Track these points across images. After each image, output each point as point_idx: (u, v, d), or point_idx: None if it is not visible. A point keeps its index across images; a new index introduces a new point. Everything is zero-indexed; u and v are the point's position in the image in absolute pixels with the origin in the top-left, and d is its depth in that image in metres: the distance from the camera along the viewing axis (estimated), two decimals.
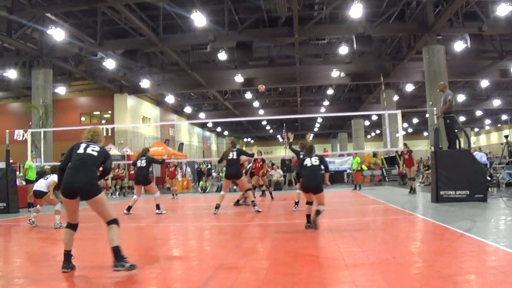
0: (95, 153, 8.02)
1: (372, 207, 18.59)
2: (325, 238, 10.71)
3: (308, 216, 12.09)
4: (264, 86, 20.54)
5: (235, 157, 17.17)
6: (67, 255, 7.86)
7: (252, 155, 18.51)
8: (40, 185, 14.74)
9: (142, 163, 18.69)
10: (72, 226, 8.08)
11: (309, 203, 12.45)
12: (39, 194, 14.73)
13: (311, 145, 13.16)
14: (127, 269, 7.29)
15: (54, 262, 8.94)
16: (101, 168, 8.27)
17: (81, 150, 8.06)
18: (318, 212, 11.82)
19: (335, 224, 13.37)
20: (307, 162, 12.33)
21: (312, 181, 12.15)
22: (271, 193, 25.61)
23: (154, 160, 19.59)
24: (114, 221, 7.76)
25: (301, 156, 13.15)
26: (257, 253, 9.33)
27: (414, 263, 7.78)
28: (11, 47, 35.42)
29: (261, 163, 24.15)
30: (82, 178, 7.68)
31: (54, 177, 14.64)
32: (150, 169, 39.98)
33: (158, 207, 18.25)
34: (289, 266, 7.57)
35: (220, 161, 18.73)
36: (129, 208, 18.41)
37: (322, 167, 12.43)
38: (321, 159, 12.56)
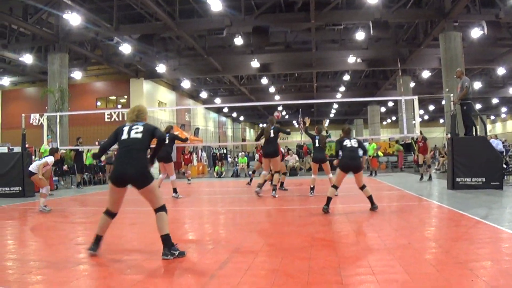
0: (140, 135, 7.69)
1: (388, 193, 18.55)
2: (341, 223, 10.71)
3: (329, 198, 12.15)
4: (279, 114, 20.41)
5: (272, 135, 17.15)
6: (98, 239, 7.82)
7: (288, 133, 18.46)
8: (32, 166, 14.88)
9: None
10: (112, 214, 7.97)
11: (335, 186, 12.51)
12: (30, 175, 14.84)
13: (349, 128, 13.42)
14: (177, 257, 7.23)
15: (70, 245, 9.00)
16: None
17: (125, 136, 7.75)
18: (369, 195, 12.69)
19: (351, 209, 13.38)
20: (347, 143, 12.65)
21: (353, 160, 12.57)
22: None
23: (178, 137, 19.53)
24: (163, 208, 7.61)
25: (332, 138, 13.46)
26: (273, 238, 9.32)
27: (430, 248, 7.77)
28: (27, 32, 35.48)
29: None
30: (133, 167, 7.48)
31: (48, 158, 14.72)
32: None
33: (175, 190, 18.26)
34: (305, 251, 7.57)
35: (257, 139, 18.68)
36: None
37: (361, 151, 12.82)
38: (360, 142, 12.89)
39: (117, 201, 7.91)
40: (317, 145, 17.43)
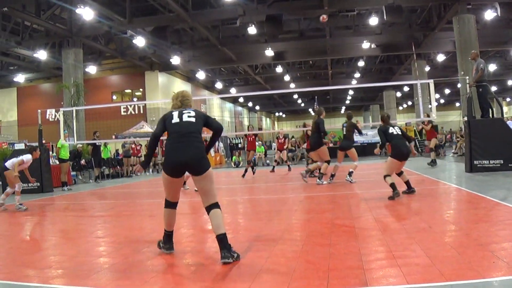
0: (193, 119, 7.03)
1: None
2: (361, 209, 10.71)
3: (393, 184, 12.08)
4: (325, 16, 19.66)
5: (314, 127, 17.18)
6: (169, 235, 7.31)
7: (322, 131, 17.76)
8: (8, 162, 14.74)
9: None
10: (173, 205, 7.30)
11: (400, 173, 12.90)
12: (4, 169, 14.74)
13: (388, 115, 13.38)
14: (236, 259, 6.42)
15: (90, 239, 9.04)
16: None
17: (175, 119, 7.03)
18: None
19: (370, 195, 13.38)
20: (393, 130, 12.59)
21: (406, 147, 12.52)
22: (289, 166, 26.47)
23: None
24: (217, 205, 6.90)
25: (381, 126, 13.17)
26: (293, 225, 9.34)
27: (451, 231, 7.75)
28: (40, 28, 35.62)
29: (282, 139, 24.76)
30: (189, 152, 6.75)
31: (25, 157, 14.63)
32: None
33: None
34: (326, 237, 7.58)
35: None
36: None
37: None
38: (401, 129, 12.88)
39: (177, 191, 7.30)
40: (344, 133, 17.40)
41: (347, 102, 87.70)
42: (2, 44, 35.49)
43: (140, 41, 36.85)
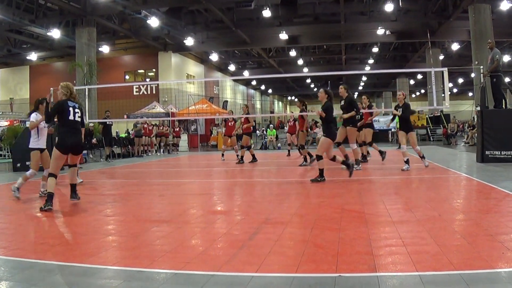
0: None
1: (417, 165, 18.45)
2: (371, 195, 10.69)
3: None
4: None
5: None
6: None
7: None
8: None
9: None
10: None
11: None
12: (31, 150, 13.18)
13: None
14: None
15: (99, 217, 9.06)
16: None
17: None
18: None
19: (380, 182, 13.35)
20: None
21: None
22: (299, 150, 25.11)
23: None
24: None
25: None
26: (302, 209, 9.32)
27: (461, 221, 7.73)
28: (54, 7, 35.68)
29: (293, 122, 24.51)
30: None
31: (32, 117, 13.42)
32: (194, 127, 40.19)
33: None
34: (335, 222, 7.56)
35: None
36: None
37: None
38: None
39: None
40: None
41: (360, 88, 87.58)
42: (16, 22, 35.59)
43: (154, 22, 36.91)
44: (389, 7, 35.21)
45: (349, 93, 16.61)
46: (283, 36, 43.61)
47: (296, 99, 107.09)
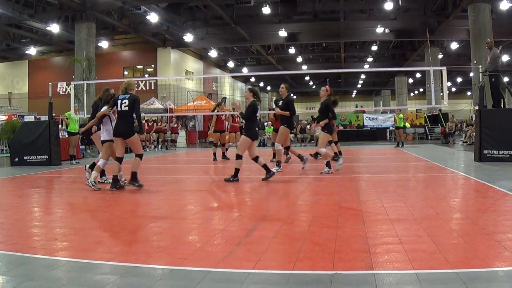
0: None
1: (415, 164, 18.49)
2: (368, 193, 10.67)
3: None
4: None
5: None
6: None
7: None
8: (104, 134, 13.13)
9: None
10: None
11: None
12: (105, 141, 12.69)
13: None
14: None
15: (96, 212, 9.06)
16: None
17: None
18: None
19: (378, 180, 13.34)
20: None
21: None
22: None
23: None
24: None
25: None
26: (299, 206, 9.34)
27: (458, 219, 7.74)
28: (53, 1, 35.70)
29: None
30: None
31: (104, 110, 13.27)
32: (193, 124, 40.25)
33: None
34: (332, 219, 7.56)
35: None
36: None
37: None
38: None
39: None
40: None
41: (359, 86, 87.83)
42: (15, 16, 35.55)
43: (153, 17, 36.98)
44: (388, 6, 35.26)
45: (289, 93, 16.23)
46: (282, 33, 43.65)
47: (294, 97, 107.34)
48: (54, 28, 38.41)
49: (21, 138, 20.53)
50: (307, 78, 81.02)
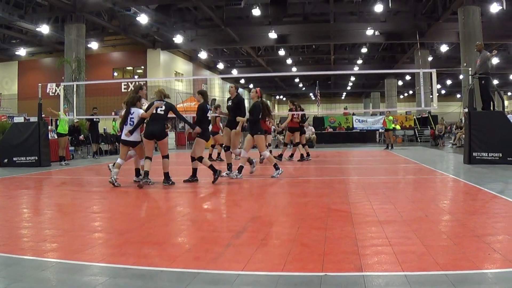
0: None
1: (404, 166, 18.55)
2: (358, 195, 10.68)
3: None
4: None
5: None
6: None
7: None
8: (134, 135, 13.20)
9: None
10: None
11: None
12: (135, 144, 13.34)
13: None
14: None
15: (85, 214, 9.05)
16: None
17: None
18: None
19: (367, 182, 13.38)
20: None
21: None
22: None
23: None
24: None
25: None
26: (289, 208, 9.36)
27: (447, 221, 7.76)
28: (44, 2, 35.61)
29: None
30: None
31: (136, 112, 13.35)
32: (182, 125, 40.20)
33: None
34: (322, 221, 7.57)
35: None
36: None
37: None
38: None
39: None
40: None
41: (348, 88, 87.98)
42: (5, 17, 35.42)
43: (143, 19, 36.93)
44: (378, 8, 35.30)
45: (238, 93, 15.59)
46: (272, 35, 43.60)
47: (284, 98, 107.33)
48: (44, 29, 38.26)
49: (11, 139, 20.47)
50: (296, 80, 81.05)
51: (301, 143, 21.13)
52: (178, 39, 44.16)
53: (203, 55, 54.29)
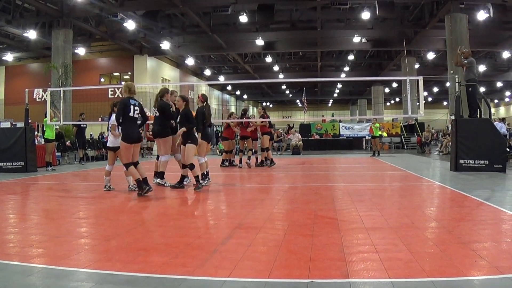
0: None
1: (391, 173, 18.59)
2: (344, 202, 10.68)
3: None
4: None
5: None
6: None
7: None
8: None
9: None
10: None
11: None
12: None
13: None
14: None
15: (72, 219, 9.01)
16: None
17: None
18: None
19: (354, 189, 13.38)
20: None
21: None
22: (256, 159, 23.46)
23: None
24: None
25: None
26: (275, 215, 9.32)
27: (434, 228, 7.76)
28: (31, 7, 35.53)
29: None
30: None
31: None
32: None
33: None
34: (308, 228, 7.57)
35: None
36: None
37: None
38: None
39: None
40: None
41: (335, 95, 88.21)
42: None
43: (130, 25, 36.90)
44: (365, 15, 35.35)
45: (187, 106, 14.99)
46: (259, 42, 43.64)
47: (271, 105, 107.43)
48: (31, 34, 38.16)
49: None
50: (283, 87, 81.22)
51: (268, 149, 21.29)
52: (165, 45, 44.15)
53: (190, 61, 54.33)
